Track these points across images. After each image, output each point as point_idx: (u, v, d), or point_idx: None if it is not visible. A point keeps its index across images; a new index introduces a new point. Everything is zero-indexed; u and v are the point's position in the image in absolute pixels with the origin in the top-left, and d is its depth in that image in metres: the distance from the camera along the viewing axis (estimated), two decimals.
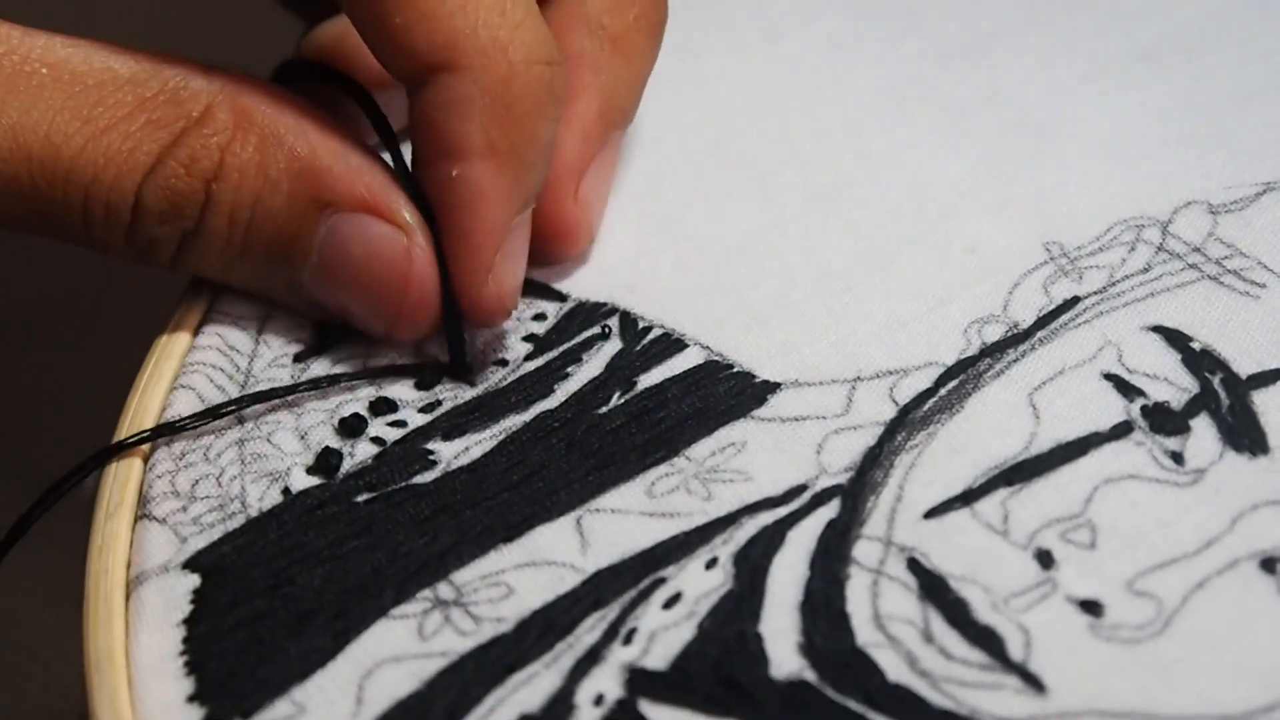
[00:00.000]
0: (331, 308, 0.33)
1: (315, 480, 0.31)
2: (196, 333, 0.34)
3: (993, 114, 0.37)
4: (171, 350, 0.33)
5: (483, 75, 0.31)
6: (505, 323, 0.34)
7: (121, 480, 0.31)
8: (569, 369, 0.33)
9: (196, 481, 0.31)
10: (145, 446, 0.32)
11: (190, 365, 0.33)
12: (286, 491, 0.31)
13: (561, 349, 0.33)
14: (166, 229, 0.32)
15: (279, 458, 0.32)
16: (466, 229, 0.32)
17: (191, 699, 0.28)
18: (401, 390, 0.33)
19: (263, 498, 0.31)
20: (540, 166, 0.32)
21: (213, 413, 0.32)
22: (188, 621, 0.29)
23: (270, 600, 0.29)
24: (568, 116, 0.33)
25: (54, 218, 0.31)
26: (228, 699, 0.28)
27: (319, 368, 0.33)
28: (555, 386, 0.33)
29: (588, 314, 0.34)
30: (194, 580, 0.30)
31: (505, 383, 0.33)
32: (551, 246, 0.35)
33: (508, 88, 0.31)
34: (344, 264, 0.32)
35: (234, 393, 0.33)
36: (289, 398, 0.33)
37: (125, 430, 0.32)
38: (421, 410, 0.33)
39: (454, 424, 0.32)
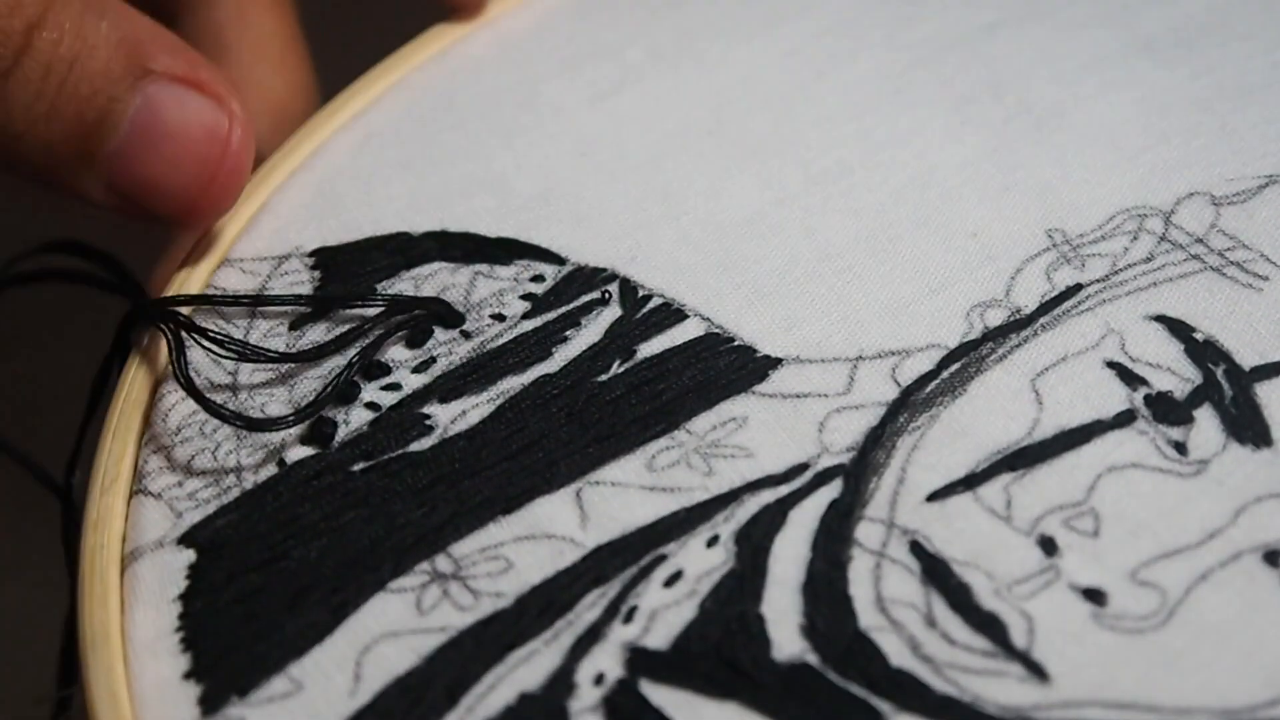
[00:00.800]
0: (136, 183, 0.33)
1: (310, 451, 0.31)
2: (192, 309, 0.33)
3: (994, 103, 0.36)
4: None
5: None
6: (503, 283, 0.34)
7: (117, 455, 0.31)
8: (568, 333, 0.33)
9: (192, 456, 0.31)
10: (138, 423, 0.31)
11: (185, 339, 0.32)
12: (281, 463, 0.31)
13: (560, 311, 0.33)
14: None
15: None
16: None
17: (187, 676, 0.28)
18: (393, 351, 0.32)
19: (258, 470, 0.31)
20: None
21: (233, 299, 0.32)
22: (183, 597, 0.29)
23: (266, 575, 0.29)
24: None
25: None
26: (224, 676, 0.28)
27: (315, 334, 0.33)
28: (553, 350, 0.32)
29: (587, 278, 0.34)
30: (189, 556, 0.30)
31: (501, 340, 0.33)
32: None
33: None
34: (159, 133, 0.32)
35: (230, 366, 0.32)
36: (282, 368, 0.32)
37: (118, 413, 0.31)
38: (415, 371, 0.32)
39: (451, 386, 0.32)
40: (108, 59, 0.32)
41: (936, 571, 0.29)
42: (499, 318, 0.33)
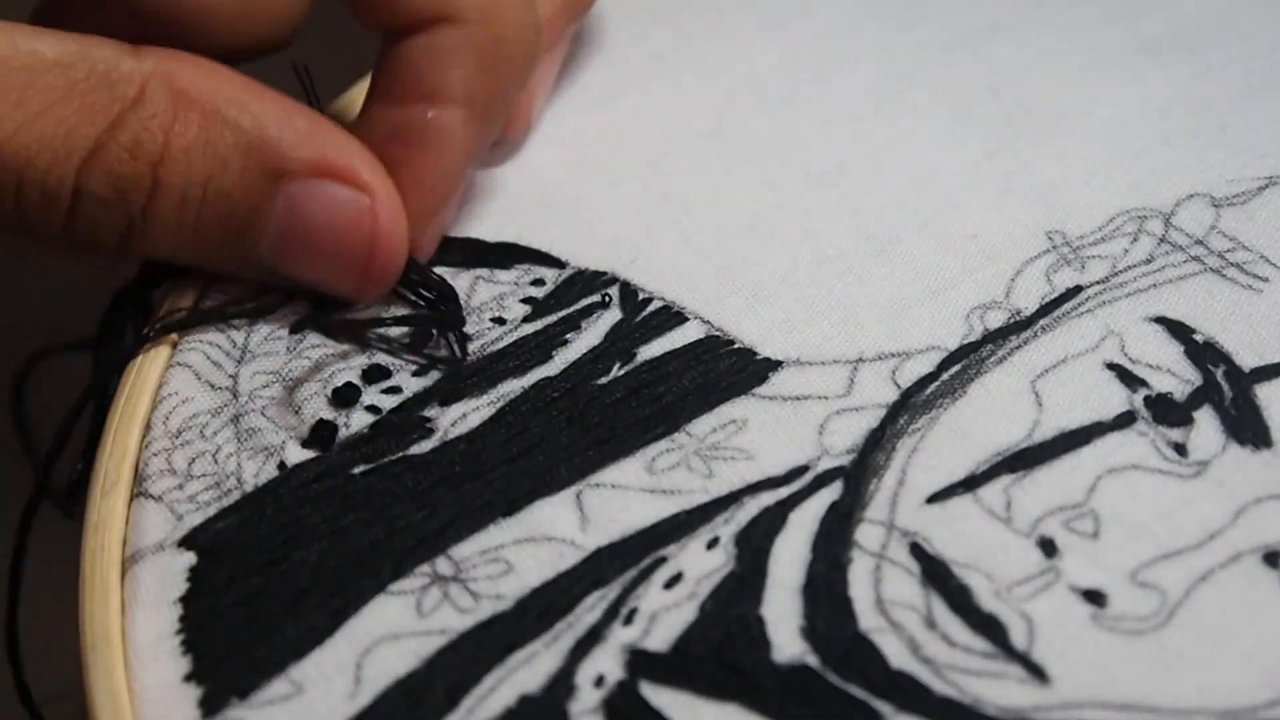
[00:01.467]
0: (297, 277, 0.32)
1: (310, 453, 0.31)
2: (192, 311, 0.33)
3: (995, 104, 0.36)
4: (166, 329, 0.33)
5: (479, 31, 0.32)
6: (503, 287, 0.34)
7: (117, 457, 0.31)
8: (568, 336, 0.33)
9: (193, 459, 0.31)
10: (139, 425, 0.31)
11: (186, 342, 0.33)
12: (282, 466, 0.31)
13: (560, 314, 0.33)
14: (112, 215, 0.31)
15: (273, 432, 0.31)
16: (428, 171, 0.33)
17: (188, 678, 0.28)
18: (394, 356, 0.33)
19: (258, 473, 0.31)
20: (497, 132, 0.34)
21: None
22: (184, 600, 0.29)
23: (267, 578, 0.29)
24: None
25: None
26: (224, 678, 0.28)
27: (315, 337, 0.33)
28: (554, 353, 0.33)
29: (587, 282, 0.34)
30: (190, 558, 0.30)
31: (502, 344, 0.33)
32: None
33: (498, 46, 0.32)
34: (306, 233, 0.32)
35: (231, 369, 0.32)
36: (283, 372, 0.32)
37: (118, 416, 0.31)
38: (416, 374, 0.32)
39: (451, 389, 0.32)
40: (240, 169, 0.31)
41: (936, 573, 0.29)
42: (499, 321, 0.33)
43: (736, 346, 0.32)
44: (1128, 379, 0.31)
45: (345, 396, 0.32)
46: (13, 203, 0.30)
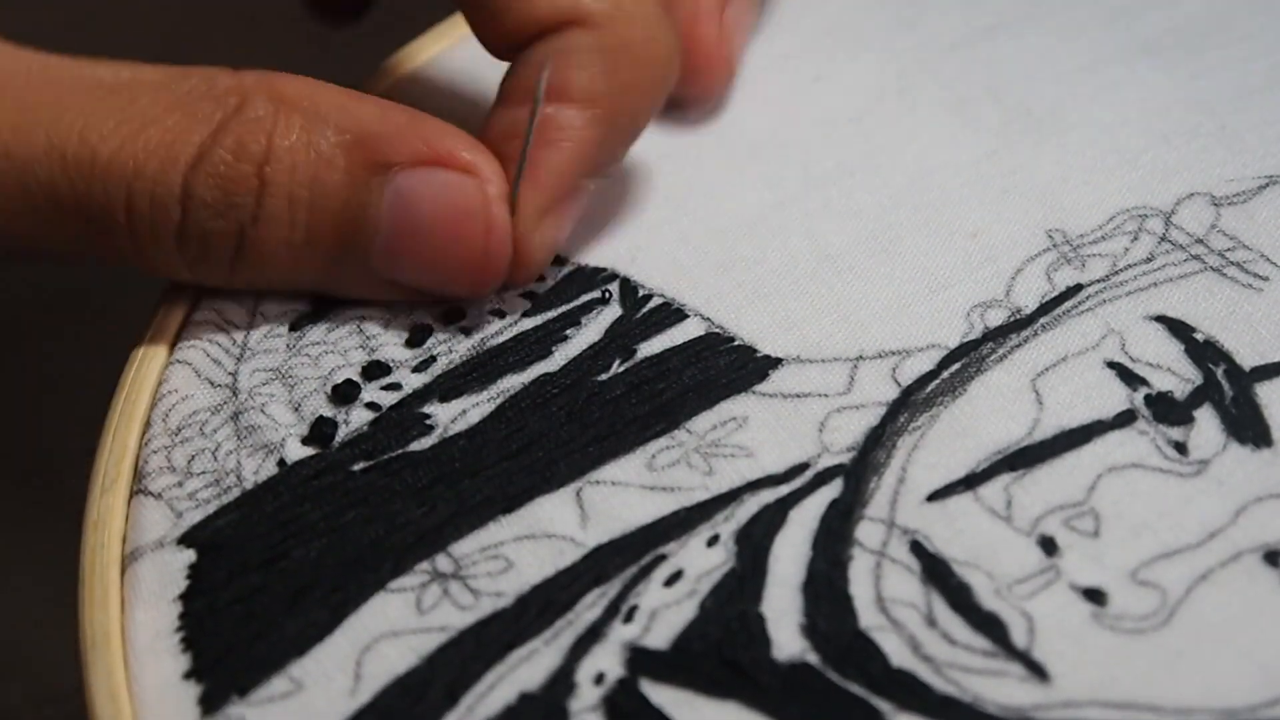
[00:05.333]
0: (412, 276, 0.32)
1: (310, 451, 0.31)
2: (192, 308, 0.33)
3: (995, 104, 0.36)
4: (166, 327, 0.33)
5: (606, 34, 0.32)
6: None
7: (117, 455, 0.31)
8: (568, 331, 0.33)
9: (192, 456, 0.31)
10: (139, 422, 0.31)
11: (186, 340, 0.33)
12: (282, 463, 0.31)
13: (560, 310, 0.33)
14: (221, 222, 0.31)
15: (273, 429, 0.31)
16: (540, 166, 0.32)
17: (188, 676, 0.28)
18: (393, 351, 0.33)
19: (258, 471, 0.31)
20: (626, 144, 0.33)
21: None
22: (184, 597, 0.29)
23: (266, 575, 0.29)
24: None
25: (97, 224, 0.31)
26: (224, 676, 0.28)
27: (315, 334, 0.33)
28: (554, 349, 0.33)
29: (587, 278, 0.34)
30: (190, 556, 0.30)
31: (502, 338, 0.33)
32: (692, 80, 0.35)
33: (627, 50, 0.32)
34: (418, 223, 0.31)
35: (230, 366, 0.32)
36: (282, 369, 0.32)
37: (118, 413, 0.31)
38: (415, 370, 0.32)
39: (451, 385, 0.32)
40: (345, 166, 0.31)
41: (937, 571, 0.29)
42: (499, 314, 0.33)
43: (736, 344, 0.33)
44: (1128, 377, 0.31)
45: (345, 393, 0.32)
46: (124, 217, 0.31)
